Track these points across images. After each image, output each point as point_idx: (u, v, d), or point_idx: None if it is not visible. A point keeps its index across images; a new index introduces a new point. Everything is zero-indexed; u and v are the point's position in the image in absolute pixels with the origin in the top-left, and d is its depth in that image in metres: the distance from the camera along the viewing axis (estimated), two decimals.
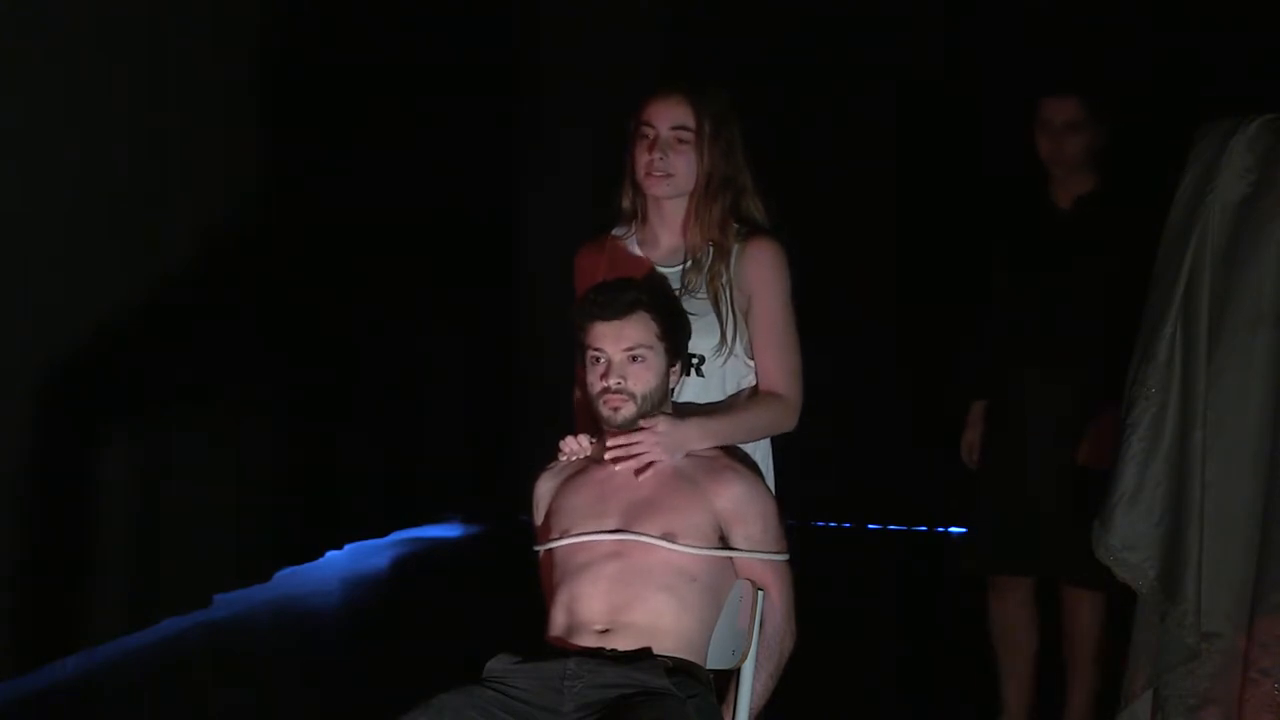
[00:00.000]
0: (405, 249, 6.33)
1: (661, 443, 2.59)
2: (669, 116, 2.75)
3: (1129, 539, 2.68)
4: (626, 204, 2.87)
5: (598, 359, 2.61)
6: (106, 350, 4.59)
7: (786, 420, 2.78)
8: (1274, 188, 2.59)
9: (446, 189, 6.51)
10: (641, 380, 2.60)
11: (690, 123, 2.74)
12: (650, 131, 2.76)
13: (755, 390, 2.79)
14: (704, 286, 2.77)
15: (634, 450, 2.59)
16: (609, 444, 2.62)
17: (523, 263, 6.89)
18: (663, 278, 2.81)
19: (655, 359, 2.61)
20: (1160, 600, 2.65)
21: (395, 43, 6.13)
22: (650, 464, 2.60)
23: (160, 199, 4.85)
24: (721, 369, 2.78)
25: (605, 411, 2.61)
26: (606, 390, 2.60)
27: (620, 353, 2.60)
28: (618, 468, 2.61)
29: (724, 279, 2.77)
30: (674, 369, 2.66)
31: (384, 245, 6.18)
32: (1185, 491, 2.62)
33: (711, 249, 2.78)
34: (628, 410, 2.60)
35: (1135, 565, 2.68)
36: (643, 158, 2.77)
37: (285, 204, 5.48)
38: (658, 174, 2.76)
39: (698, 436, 2.64)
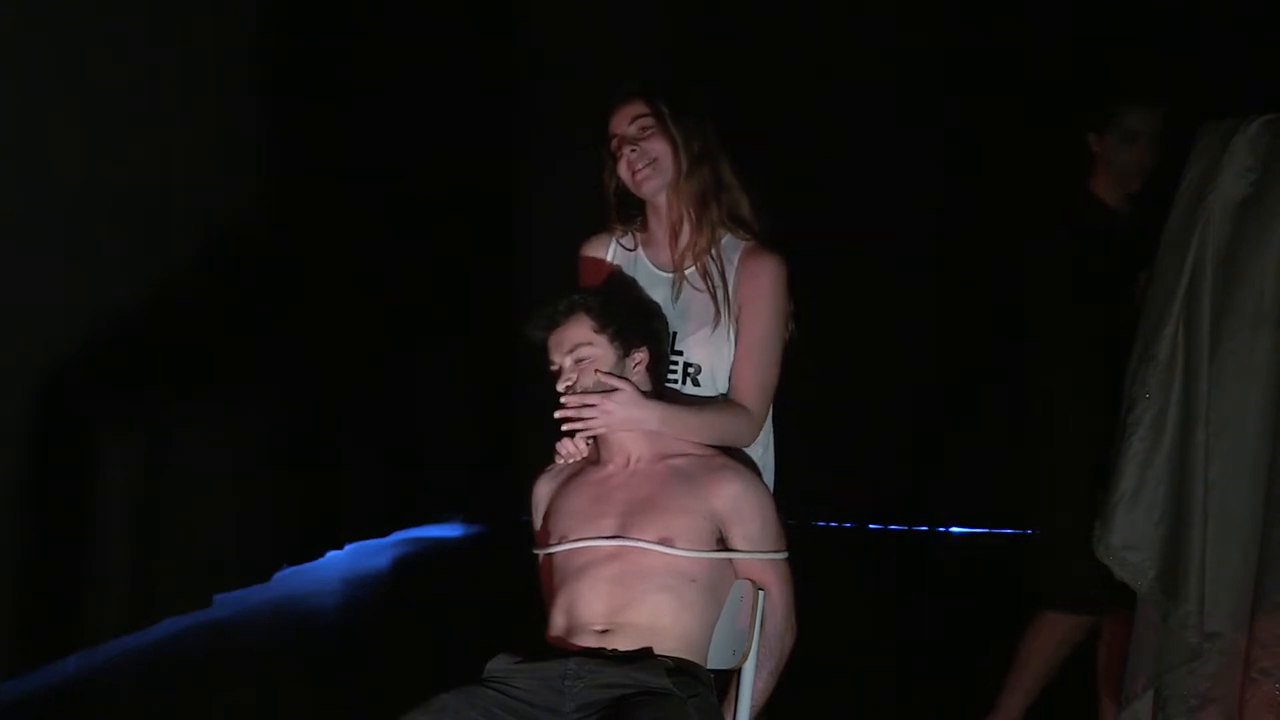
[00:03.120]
0: (406, 248, 6.33)
1: (614, 414, 2.59)
2: (626, 116, 2.80)
3: (1129, 539, 2.68)
4: (620, 233, 2.88)
5: (554, 370, 2.64)
6: (106, 350, 4.58)
7: (747, 434, 2.76)
8: (1275, 188, 2.59)
9: (448, 189, 6.51)
10: (590, 378, 2.61)
11: (646, 110, 2.79)
12: (616, 139, 2.81)
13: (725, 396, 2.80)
14: (695, 270, 2.78)
15: (584, 414, 2.60)
16: (563, 400, 2.62)
17: (524, 261, 6.89)
18: (617, 270, 2.84)
19: (599, 353, 2.62)
20: (1160, 600, 2.65)
21: (396, 42, 6.14)
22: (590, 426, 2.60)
23: (161, 198, 4.85)
24: (716, 376, 2.78)
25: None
26: (562, 395, 2.62)
27: (566, 357, 2.63)
28: (563, 427, 2.61)
29: (714, 255, 2.78)
30: (633, 355, 2.66)
31: (385, 245, 6.18)
32: (1188, 491, 2.61)
33: (697, 228, 2.79)
34: None
35: (1135, 565, 2.69)
36: (623, 164, 2.80)
37: (285, 204, 5.48)
38: (640, 167, 2.78)
39: (655, 419, 2.63)
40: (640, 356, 2.67)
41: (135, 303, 4.72)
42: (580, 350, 2.62)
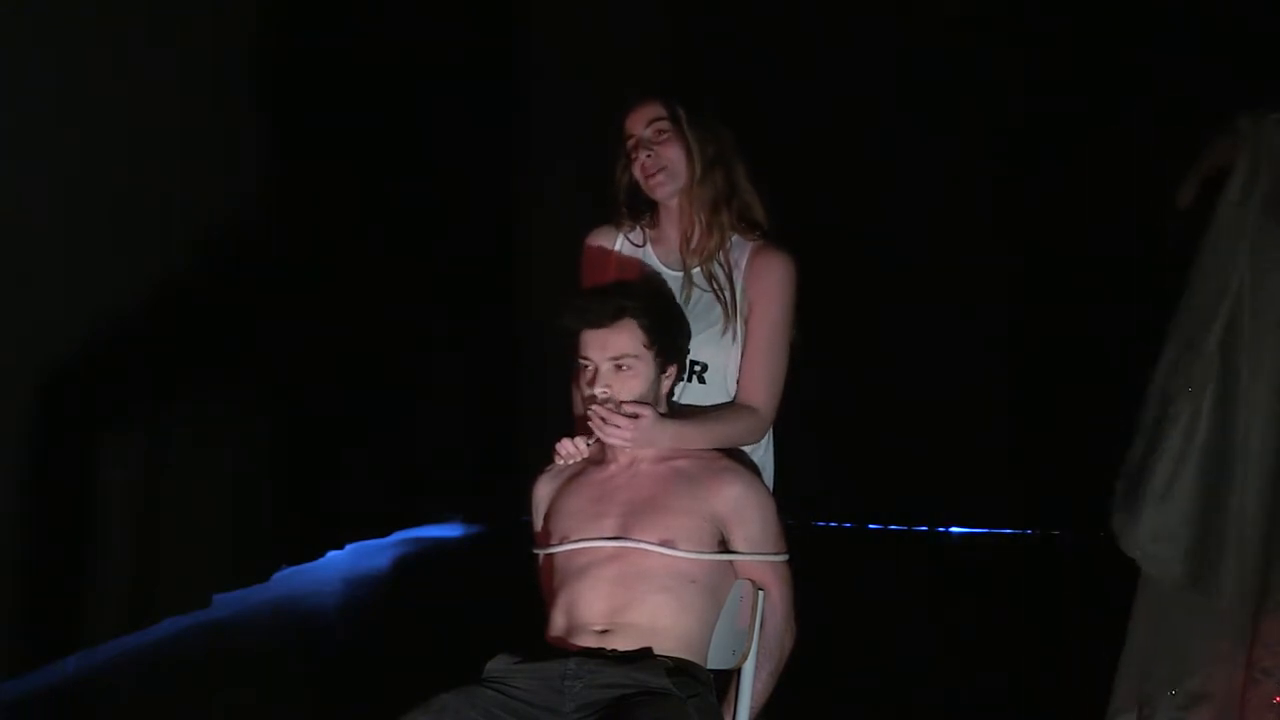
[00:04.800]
0: (407, 249, 6.33)
1: (637, 437, 2.60)
2: (643, 118, 2.82)
3: (1159, 532, 2.66)
4: (627, 228, 2.89)
5: (586, 366, 2.62)
6: (106, 350, 4.58)
7: (755, 434, 2.78)
8: None
9: (448, 191, 6.50)
10: (627, 389, 2.60)
11: (663, 113, 2.80)
12: (632, 140, 2.82)
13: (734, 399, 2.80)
14: (701, 271, 2.78)
15: (607, 429, 2.59)
16: (593, 408, 2.61)
17: (525, 262, 6.88)
18: (660, 279, 2.82)
19: (642, 366, 2.61)
20: (1190, 593, 2.63)
21: (396, 44, 6.13)
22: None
23: (160, 198, 4.85)
24: (724, 375, 2.79)
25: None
26: (593, 399, 2.60)
27: (606, 361, 2.60)
28: (592, 424, 2.61)
29: (721, 259, 2.79)
30: (666, 374, 2.66)
31: (386, 245, 6.17)
32: (1225, 491, 2.60)
33: (707, 232, 2.79)
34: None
35: (1164, 560, 2.67)
36: (637, 166, 2.82)
37: (285, 205, 5.47)
38: (653, 171, 2.79)
39: (669, 440, 2.65)
40: (672, 371, 2.68)
41: (135, 303, 4.72)
42: (625, 360, 2.60)
